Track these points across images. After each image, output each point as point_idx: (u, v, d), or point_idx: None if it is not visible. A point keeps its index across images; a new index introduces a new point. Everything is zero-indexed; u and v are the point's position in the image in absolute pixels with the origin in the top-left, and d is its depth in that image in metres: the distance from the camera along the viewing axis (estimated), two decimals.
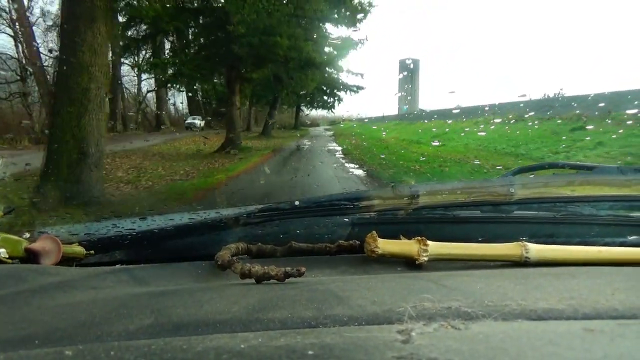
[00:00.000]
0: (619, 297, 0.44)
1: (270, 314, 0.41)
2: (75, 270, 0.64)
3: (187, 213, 0.89)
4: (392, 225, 0.82)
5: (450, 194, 0.86)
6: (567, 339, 0.34)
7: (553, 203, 0.92)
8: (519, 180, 1.17)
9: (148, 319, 0.40)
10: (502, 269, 0.64)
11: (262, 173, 8.90)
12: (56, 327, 0.39)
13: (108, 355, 0.30)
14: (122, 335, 0.38)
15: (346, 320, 0.39)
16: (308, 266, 0.57)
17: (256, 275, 0.55)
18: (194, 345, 0.32)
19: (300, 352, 0.30)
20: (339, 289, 0.48)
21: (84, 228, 0.84)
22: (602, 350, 0.31)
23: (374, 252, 0.66)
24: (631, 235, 0.79)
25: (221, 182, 7.44)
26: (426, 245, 0.65)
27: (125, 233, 0.77)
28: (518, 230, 0.81)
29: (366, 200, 0.82)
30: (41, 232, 0.75)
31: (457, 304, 0.41)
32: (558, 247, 0.66)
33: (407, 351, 0.30)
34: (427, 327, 0.36)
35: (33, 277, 0.56)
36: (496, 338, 0.33)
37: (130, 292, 0.53)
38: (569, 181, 0.93)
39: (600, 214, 0.90)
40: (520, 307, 0.41)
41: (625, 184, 0.91)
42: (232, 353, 0.30)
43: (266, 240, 0.75)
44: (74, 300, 0.48)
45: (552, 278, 0.52)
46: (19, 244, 0.66)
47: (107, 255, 0.76)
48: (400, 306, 0.41)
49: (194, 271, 0.66)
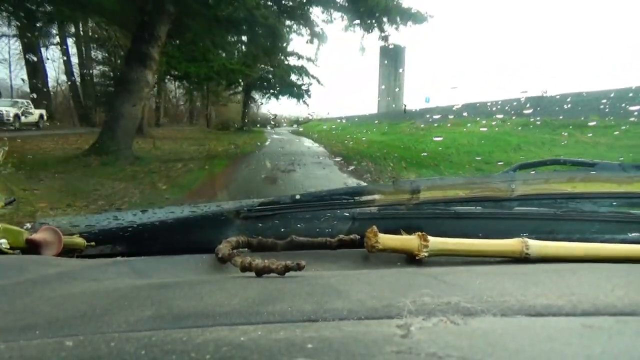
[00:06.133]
0: (618, 294, 0.44)
1: (270, 307, 0.41)
2: (76, 262, 0.64)
3: (188, 206, 0.89)
4: (392, 220, 0.82)
5: (452, 189, 0.85)
6: (565, 335, 0.34)
7: (554, 199, 0.92)
8: (520, 176, 1.17)
9: (148, 310, 0.40)
10: (502, 265, 0.64)
11: None
12: (57, 317, 0.39)
13: (108, 346, 0.30)
14: (122, 326, 0.38)
15: (345, 314, 0.39)
16: (308, 260, 0.57)
17: (256, 268, 0.55)
18: (194, 337, 0.32)
19: (299, 345, 0.30)
20: (338, 283, 0.48)
21: (84, 220, 0.84)
22: (601, 347, 0.31)
23: (375, 246, 0.66)
24: (632, 232, 0.79)
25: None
26: (426, 240, 0.65)
27: (126, 225, 0.78)
28: (519, 226, 0.81)
29: (367, 194, 0.82)
30: (42, 223, 0.75)
31: (457, 299, 0.41)
32: (558, 244, 0.66)
33: (406, 346, 0.30)
34: (426, 322, 0.36)
35: (34, 268, 0.56)
36: (495, 334, 0.33)
37: (131, 283, 0.54)
38: (570, 177, 0.93)
39: (601, 211, 0.89)
40: (519, 303, 0.41)
41: (626, 180, 0.91)
42: (232, 345, 0.30)
43: (267, 233, 0.75)
44: (74, 291, 0.49)
45: (551, 274, 0.52)
46: (20, 234, 0.66)
47: (108, 247, 0.76)
48: (399, 301, 0.41)
49: (195, 264, 0.67)
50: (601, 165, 1.22)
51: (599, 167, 1.17)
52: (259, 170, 8.26)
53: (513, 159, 7.34)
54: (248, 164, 9.03)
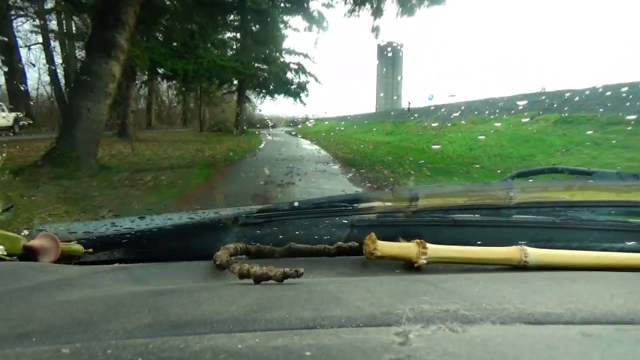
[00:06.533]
0: (617, 302, 0.44)
1: (268, 314, 0.41)
2: (73, 269, 0.64)
3: (186, 213, 0.89)
4: (391, 228, 0.82)
5: (450, 197, 0.86)
6: (564, 343, 0.34)
7: (552, 207, 0.93)
8: (519, 184, 1.17)
9: (146, 317, 0.40)
10: (501, 273, 0.64)
11: None
12: (54, 324, 0.39)
13: (105, 354, 0.30)
14: (119, 333, 0.37)
15: (344, 321, 0.39)
16: (307, 267, 0.57)
17: (255, 275, 0.55)
18: (192, 344, 0.32)
19: (297, 352, 0.30)
20: (337, 290, 0.48)
21: (82, 226, 0.84)
22: (600, 355, 0.31)
23: (373, 254, 0.66)
24: (630, 240, 0.79)
25: None
26: (425, 248, 0.65)
27: (124, 232, 0.77)
28: (517, 234, 0.81)
29: (365, 202, 0.82)
30: (40, 229, 0.75)
31: (455, 307, 0.41)
32: (557, 252, 0.66)
33: (404, 353, 0.30)
34: (425, 329, 0.36)
35: (31, 275, 0.56)
36: (494, 341, 0.33)
37: (128, 290, 0.53)
38: (568, 186, 0.93)
39: (599, 219, 0.90)
40: (518, 310, 0.41)
41: (624, 189, 0.91)
42: (230, 353, 0.30)
43: (265, 240, 0.75)
44: (71, 298, 0.48)
45: (550, 282, 0.52)
46: (17, 241, 0.66)
47: (106, 253, 0.76)
48: (398, 308, 0.41)
49: (193, 271, 0.66)
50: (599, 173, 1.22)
51: (596, 176, 1.18)
52: (248, 183, 6.50)
53: (568, 165, 5.98)
54: (234, 176, 7.47)
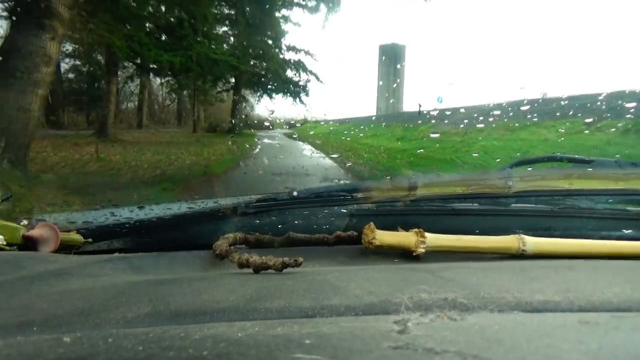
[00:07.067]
0: (614, 290, 0.44)
1: (268, 303, 0.41)
2: (73, 258, 0.64)
3: (185, 202, 0.89)
4: (390, 217, 0.82)
5: (449, 186, 0.86)
6: (562, 331, 0.34)
7: (551, 196, 0.93)
8: (517, 173, 1.17)
9: (146, 307, 0.40)
10: (499, 262, 0.64)
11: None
12: (54, 314, 0.39)
13: (106, 343, 0.30)
14: (119, 323, 0.38)
15: (343, 310, 0.39)
16: (306, 256, 0.58)
17: (254, 265, 0.55)
18: (192, 333, 0.32)
19: (297, 341, 0.30)
20: (336, 279, 0.48)
21: (82, 216, 0.84)
22: (597, 342, 0.31)
23: (372, 243, 0.66)
24: (628, 228, 0.80)
25: None
26: (424, 237, 0.65)
27: (124, 221, 0.77)
28: (515, 222, 0.82)
29: (364, 191, 0.82)
30: (39, 219, 0.75)
31: (454, 295, 0.41)
32: (555, 240, 0.67)
33: (403, 341, 0.30)
34: (424, 317, 0.36)
35: (31, 264, 0.56)
36: (492, 329, 0.33)
37: (128, 280, 0.53)
38: (567, 174, 0.93)
39: (598, 208, 0.90)
40: (516, 299, 0.41)
41: (622, 177, 0.91)
42: (230, 342, 0.30)
43: (264, 230, 0.75)
44: (72, 287, 0.48)
45: (548, 270, 0.53)
46: (16, 231, 0.66)
47: (105, 243, 0.76)
48: (397, 297, 0.41)
49: (192, 260, 0.67)
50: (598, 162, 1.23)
51: (595, 164, 1.18)
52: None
53: None
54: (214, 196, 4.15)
